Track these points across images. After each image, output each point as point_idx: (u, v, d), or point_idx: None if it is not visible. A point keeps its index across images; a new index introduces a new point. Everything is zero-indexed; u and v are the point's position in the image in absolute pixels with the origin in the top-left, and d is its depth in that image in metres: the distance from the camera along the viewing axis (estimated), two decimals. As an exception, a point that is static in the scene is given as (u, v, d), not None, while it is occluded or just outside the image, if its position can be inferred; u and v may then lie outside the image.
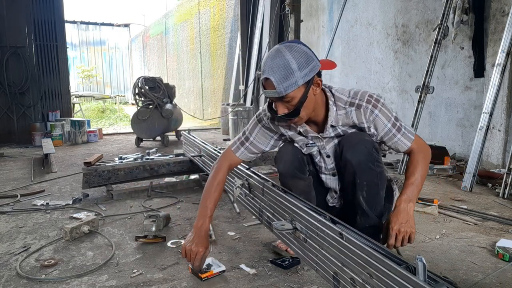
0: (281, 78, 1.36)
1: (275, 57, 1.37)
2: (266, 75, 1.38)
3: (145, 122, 5.41)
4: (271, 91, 1.39)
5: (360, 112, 1.51)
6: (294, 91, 1.38)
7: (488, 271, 1.68)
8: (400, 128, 1.53)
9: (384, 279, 0.94)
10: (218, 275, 1.64)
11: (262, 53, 6.90)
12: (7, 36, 5.92)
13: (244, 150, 1.71)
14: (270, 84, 1.38)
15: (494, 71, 3.22)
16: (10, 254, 1.90)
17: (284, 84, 1.36)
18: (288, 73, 1.36)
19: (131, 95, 8.14)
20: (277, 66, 1.36)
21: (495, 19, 3.46)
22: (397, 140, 1.53)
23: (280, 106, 1.43)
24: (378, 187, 1.55)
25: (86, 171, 2.83)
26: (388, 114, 1.51)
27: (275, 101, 1.43)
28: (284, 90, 1.37)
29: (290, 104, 1.41)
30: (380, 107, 1.50)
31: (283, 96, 1.38)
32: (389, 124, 1.51)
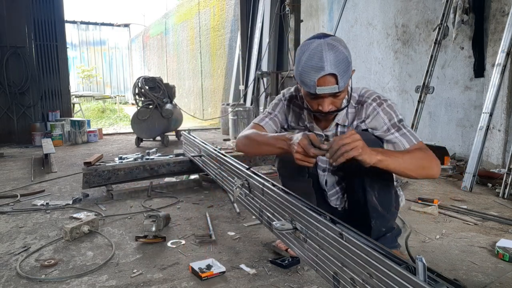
0: (343, 73, 1.32)
1: (335, 52, 1.32)
2: (331, 71, 1.31)
3: (145, 122, 5.41)
4: (330, 87, 1.33)
5: (363, 108, 1.49)
6: (346, 87, 1.39)
7: (488, 271, 1.68)
8: (400, 128, 1.46)
9: (384, 279, 0.94)
10: (218, 275, 1.64)
11: (262, 53, 6.90)
12: (7, 36, 5.92)
13: (269, 121, 1.71)
14: (330, 80, 1.33)
15: (494, 71, 3.22)
16: (10, 254, 1.90)
17: (344, 78, 1.33)
18: (347, 67, 1.34)
19: (131, 95, 8.14)
20: (339, 61, 1.32)
21: (495, 19, 3.46)
22: (394, 138, 1.46)
23: (328, 102, 1.39)
24: (389, 188, 1.50)
25: (86, 171, 2.83)
26: (391, 114, 1.46)
27: (325, 97, 1.38)
28: (344, 85, 1.34)
29: (338, 99, 1.40)
30: (385, 106, 1.47)
31: (340, 91, 1.35)
32: (388, 123, 1.46)
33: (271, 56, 6.80)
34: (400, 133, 1.46)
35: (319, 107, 1.41)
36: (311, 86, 1.35)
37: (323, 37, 1.36)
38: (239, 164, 2.02)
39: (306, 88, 1.38)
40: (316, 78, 1.33)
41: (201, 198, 2.86)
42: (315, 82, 1.33)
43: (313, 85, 1.34)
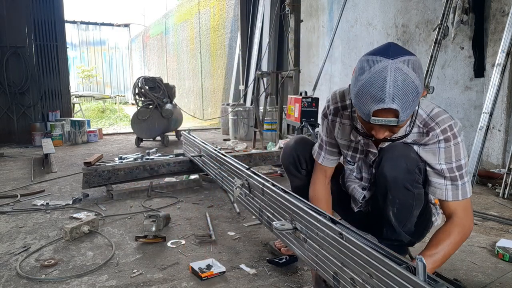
0: (406, 106, 1.10)
1: (403, 81, 1.08)
2: (391, 106, 1.08)
3: (145, 122, 5.41)
4: (388, 120, 1.12)
5: (428, 135, 1.29)
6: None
7: (488, 271, 1.68)
8: (456, 179, 1.28)
9: (384, 279, 0.94)
10: (218, 275, 1.64)
11: (262, 53, 6.90)
12: (7, 36, 5.92)
13: (326, 155, 1.58)
14: (390, 113, 1.11)
15: (494, 71, 3.22)
16: (10, 254, 1.90)
17: (407, 111, 1.11)
18: (414, 98, 1.11)
19: (131, 95, 8.14)
20: (406, 93, 1.09)
21: (495, 19, 3.46)
22: (441, 185, 1.30)
23: (383, 131, 1.20)
24: (412, 207, 1.36)
25: (86, 171, 2.83)
26: (452, 156, 1.27)
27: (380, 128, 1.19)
28: (405, 117, 1.12)
29: (397, 128, 1.20)
30: (451, 144, 1.26)
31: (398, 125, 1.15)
32: (444, 165, 1.28)
33: (271, 56, 6.80)
34: (452, 184, 1.29)
35: (373, 132, 1.23)
36: (366, 115, 1.15)
37: (393, 57, 1.09)
38: (239, 164, 2.02)
39: (360, 113, 1.17)
40: (372, 109, 1.12)
41: (201, 198, 2.86)
42: (371, 112, 1.13)
43: (368, 114, 1.14)
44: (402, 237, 1.41)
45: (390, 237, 1.44)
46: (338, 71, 5.68)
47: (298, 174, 1.70)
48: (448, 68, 4.00)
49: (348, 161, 1.56)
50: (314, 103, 3.97)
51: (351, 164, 1.55)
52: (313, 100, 3.97)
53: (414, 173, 1.29)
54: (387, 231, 1.43)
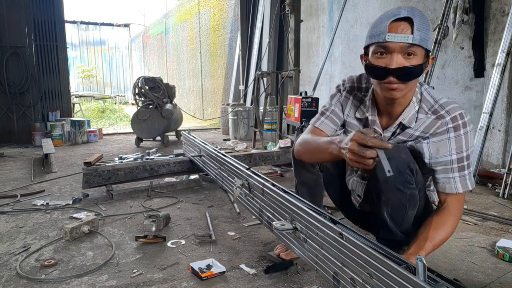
0: (421, 25, 1.17)
1: (417, 10, 1.20)
2: (406, 15, 1.17)
3: (145, 122, 5.41)
4: (402, 36, 1.17)
5: (436, 123, 1.30)
6: (421, 49, 1.20)
7: (488, 271, 1.68)
8: (464, 168, 1.29)
9: (384, 279, 0.94)
10: (218, 275, 1.64)
11: (262, 53, 6.91)
12: (7, 36, 5.92)
13: (325, 120, 1.54)
14: (404, 27, 1.17)
15: (494, 71, 3.23)
16: (10, 254, 1.90)
17: (422, 33, 1.17)
18: (427, 26, 1.19)
19: (131, 95, 8.15)
20: (418, 13, 1.18)
21: (495, 19, 3.46)
22: (451, 178, 1.30)
23: (397, 58, 1.20)
24: (406, 208, 1.34)
25: (86, 171, 2.83)
26: (463, 145, 1.28)
27: (394, 50, 1.20)
28: (419, 39, 1.17)
29: (409, 62, 1.21)
30: (461, 133, 1.28)
31: (412, 45, 1.18)
32: (455, 155, 1.28)
33: (271, 56, 6.81)
34: (459, 175, 1.30)
35: (387, 61, 1.22)
36: (381, 33, 1.20)
37: None
38: (239, 164, 2.02)
39: (374, 39, 1.22)
40: (388, 22, 1.18)
41: (201, 198, 2.86)
42: (386, 27, 1.18)
43: (383, 31, 1.19)
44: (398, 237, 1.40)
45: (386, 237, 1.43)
46: (338, 71, 5.68)
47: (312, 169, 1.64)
48: (448, 68, 4.00)
49: None
50: (314, 103, 3.97)
51: None
52: (313, 100, 3.97)
53: (405, 174, 1.28)
54: (384, 232, 1.42)
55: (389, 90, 1.27)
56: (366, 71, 1.33)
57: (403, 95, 1.29)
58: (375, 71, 1.27)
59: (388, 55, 1.22)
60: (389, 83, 1.25)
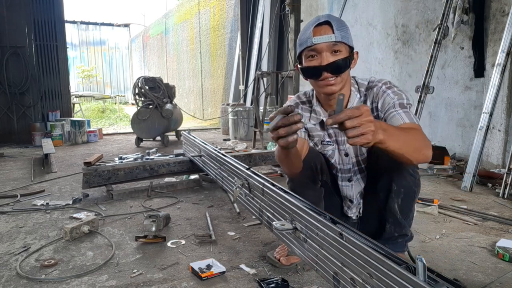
0: (339, 25, 1.38)
1: (332, 16, 1.41)
2: (325, 19, 1.37)
3: (145, 122, 5.41)
4: (326, 36, 1.36)
5: (373, 91, 1.49)
6: (344, 46, 1.39)
7: (488, 271, 1.68)
8: (405, 107, 1.39)
9: (384, 279, 0.94)
10: (218, 275, 1.64)
11: (262, 53, 6.91)
12: (7, 36, 5.92)
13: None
14: (325, 29, 1.37)
15: (494, 71, 3.22)
16: (10, 254, 1.90)
17: (341, 32, 1.37)
18: (345, 27, 1.40)
19: (131, 95, 8.14)
20: (334, 17, 1.40)
21: (495, 19, 3.46)
22: (395, 113, 1.38)
23: (327, 56, 1.38)
24: (415, 195, 1.46)
25: (86, 171, 2.83)
26: (401, 95, 1.43)
27: (323, 50, 1.38)
28: (341, 37, 1.37)
29: (337, 57, 1.39)
30: (395, 90, 1.45)
31: (336, 43, 1.37)
32: (397, 101, 1.40)
33: (271, 56, 6.80)
34: (403, 110, 1.38)
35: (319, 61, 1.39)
36: (308, 39, 1.38)
37: None
38: (239, 164, 2.02)
39: (304, 45, 1.40)
40: (311, 28, 1.38)
41: (201, 198, 2.86)
42: (311, 33, 1.37)
43: (309, 37, 1.38)
44: (406, 230, 1.48)
45: (394, 233, 1.49)
46: (338, 71, 5.68)
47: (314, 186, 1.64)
48: (448, 68, 4.00)
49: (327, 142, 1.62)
50: (314, 103, 3.96)
51: (331, 144, 1.61)
52: (313, 100, 3.97)
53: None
54: (391, 227, 1.49)
55: (327, 86, 1.42)
56: (302, 74, 1.47)
57: (340, 88, 1.44)
58: (311, 72, 1.43)
59: (318, 55, 1.39)
60: (325, 79, 1.41)
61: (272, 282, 1.57)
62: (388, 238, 1.53)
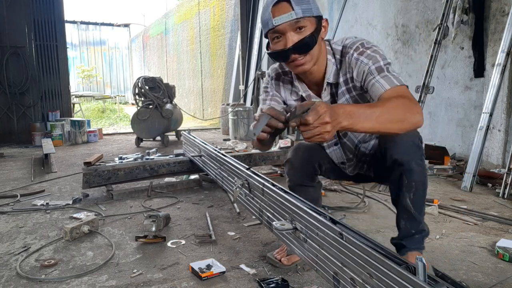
0: (297, 0, 1.25)
1: None
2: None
3: (145, 122, 5.41)
4: (286, 15, 1.24)
5: (346, 60, 1.36)
6: (309, 19, 1.27)
7: (488, 271, 1.68)
8: (382, 70, 1.27)
9: (384, 279, 0.94)
10: (218, 275, 1.64)
11: (262, 53, 6.91)
12: (7, 36, 5.92)
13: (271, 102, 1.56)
14: (284, 7, 1.25)
15: (494, 71, 3.23)
16: (10, 254, 1.90)
17: (301, 5, 1.24)
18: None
19: (131, 95, 8.14)
20: None
21: (495, 19, 3.46)
22: (374, 82, 1.26)
23: (291, 36, 1.27)
24: (425, 186, 1.39)
25: (86, 171, 2.83)
26: (376, 57, 1.30)
27: (286, 31, 1.27)
28: (302, 12, 1.24)
29: (302, 35, 1.27)
30: (369, 52, 1.31)
31: (298, 20, 1.25)
32: (372, 66, 1.29)
33: (271, 56, 6.79)
34: (381, 75, 1.26)
35: (284, 43, 1.29)
36: (268, 20, 1.28)
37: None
38: (239, 164, 2.02)
39: (266, 28, 1.31)
40: (269, 9, 1.27)
41: (201, 198, 2.86)
42: (270, 14, 1.27)
43: (269, 18, 1.28)
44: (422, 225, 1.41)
45: (411, 230, 1.42)
46: (338, 71, 5.68)
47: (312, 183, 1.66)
48: (448, 68, 4.00)
49: None
50: (314, 103, 3.96)
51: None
52: (313, 100, 3.97)
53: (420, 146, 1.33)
54: (407, 224, 1.42)
55: (298, 67, 1.33)
56: (271, 58, 1.39)
57: (313, 64, 1.34)
58: (277, 56, 1.34)
59: (283, 36, 1.28)
60: (294, 61, 1.31)
61: (272, 282, 1.57)
62: (404, 236, 1.46)
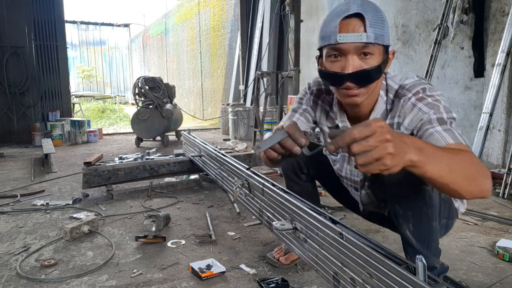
0: (374, 21, 1.05)
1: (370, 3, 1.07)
2: (357, 11, 1.04)
3: (145, 122, 5.41)
4: (355, 35, 1.04)
5: (400, 103, 1.16)
6: (378, 48, 1.08)
7: (488, 271, 1.68)
8: (445, 122, 1.07)
9: (384, 279, 0.94)
10: (218, 275, 1.64)
11: (262, 53, 6.90)
12: (7, 36, 5.92)
13: (300, 116, 1.43)
14: (355, 25, 1.05)
15: (494, 71, 3.23)
16: (10, 254, 1.90)
17: (376, 29, 1.05)
18: (381, 20, 1.06)
19: (131, 95, 8.14)
20: (370, 7, 1.06)
21: (495, 19, 3.46)
22: (434, 131, 1.06)
23: (353, 60, 1.08)
24: (429, 218, 1.14)
25: (86, 171, 2.83)
26: (438, 107, 1.09)
27: (349, 52, 1.07)
28: (374, 36, 1.05)
29: (367, 63, 1.08)
30: (429, 100, 1.10)
31: (366, 44, 1.05)
32: (433, 115, 1.08)
33: (271, 56, 6.80)
34: (443, 128, 1.06)
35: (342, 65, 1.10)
36: (331, 34, 1.07)
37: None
38: (239, 164, 2.02)
39: (326, 41, 1.10)
40: (338, 20, 1.06)
41: (201, 198, 2.86)
42: (337, 27, 1.06)
43: (333, 32, 1.07)
44: (431, 260, 1.17)
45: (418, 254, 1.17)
46: (338, 71, 5.68)
47: (298, 180, 1.66)
48: (448, 68, 4.00)
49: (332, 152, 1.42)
50: (314, 103, 3.97)
51: (334, 155, 1.45)
52: (313, 100, 3.97)
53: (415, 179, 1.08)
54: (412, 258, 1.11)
55: (349, 97, 1.14)
56: (320, 77, 1.20)
57: (365, 99, 1.16)
58: (330, 78, 1.14)
59: (343, 57, 1.09)
60: (348, 89, 1.12)
61: (272, 282, 1.57)
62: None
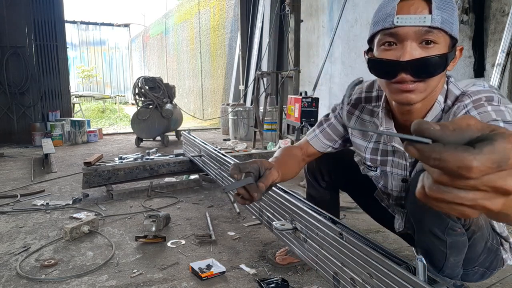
0: (443, 4, 0.87)
1: None
2: None
3: (145, 122, 5.41)
4: (417, 16, 0.86)
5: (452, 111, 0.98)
6: (444, 36, 0.90)
7: (488, 271, 1.68)
8: None
9: (384, 279, 0.94)
10: (218, 275, 1.64)
11: (262, 53, 6.91)
12: (7, 36, 5.92)
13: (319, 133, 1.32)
14: (419, 5, 0.88)
15: (494, 71, 3.23)
16: (10, 254, 1.90)
17: (444, 13, 0.87)
18: (452, 6, 0.89)
19: (131, 95, 8.15)
20: None
21: (495, 19, 3.46)
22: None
23: (411, 48, 0.89)
24: (446, 256, 1.04)
25: (86, 171, 2.83)
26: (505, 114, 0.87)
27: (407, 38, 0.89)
28: (441, 20, 0.87)
29: (428, 52, 0.90)
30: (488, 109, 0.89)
31: (430, 29, 0.87)
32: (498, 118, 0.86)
33: (271, 56, 6.80)
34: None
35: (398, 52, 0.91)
36: (388, 16, 0.90)
37: None
38: (239, 164, 2.01)
39: (380, 25, 0.92)
40: (397, 1, 0.89)
41: (201, 198, 2.86)
42: (395, 8, 0.89)
43: (390, 13, 0.89)
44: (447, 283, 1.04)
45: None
46: (338, 71, 5.68)
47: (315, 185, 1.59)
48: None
49: (369, 167, 1.27)
50: (314, 103, 3.97)
51: (373, 170, 1.26)
52: (313, 100, 3.97)
53: (446, 219, 0.98)
54: None
55: (402, 93, 0.94)
56: (369, 68, 0.99)
57: (422, 98, 0.95)
58: (381, 67, 0.94)
59: (399, 45, 0.91)
60: (401, 83, 0.92)
61: (272, 282, 1.57)
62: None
